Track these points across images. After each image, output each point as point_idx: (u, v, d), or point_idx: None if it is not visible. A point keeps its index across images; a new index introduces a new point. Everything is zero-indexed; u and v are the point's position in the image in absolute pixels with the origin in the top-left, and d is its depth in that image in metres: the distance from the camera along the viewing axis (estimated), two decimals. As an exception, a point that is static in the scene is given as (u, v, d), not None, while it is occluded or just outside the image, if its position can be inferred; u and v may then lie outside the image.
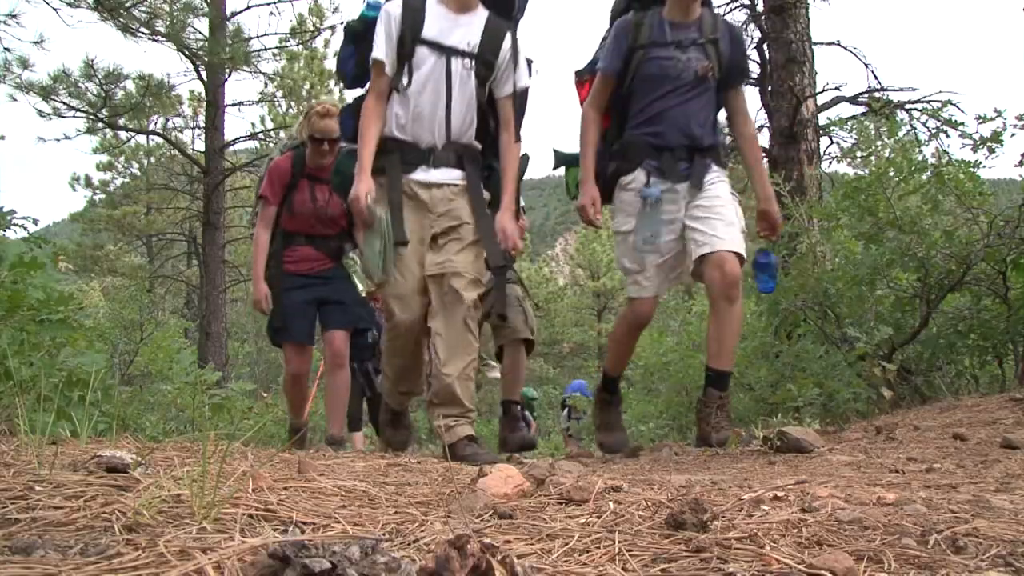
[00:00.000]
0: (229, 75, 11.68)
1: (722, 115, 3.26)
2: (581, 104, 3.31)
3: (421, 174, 2.92)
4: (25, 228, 3.32)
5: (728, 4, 8.38)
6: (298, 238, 4.00)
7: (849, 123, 7.43)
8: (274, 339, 4.07)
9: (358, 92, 3.09)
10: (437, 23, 2.85)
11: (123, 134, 14.91)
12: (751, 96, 8.14)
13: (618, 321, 3.42)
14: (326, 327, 4.05)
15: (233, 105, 12.52)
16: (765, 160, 10.04)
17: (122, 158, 18.70)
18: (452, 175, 2.94)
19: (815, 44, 7.86)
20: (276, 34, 12.06)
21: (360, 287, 4.39)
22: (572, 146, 3.36)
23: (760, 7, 8.27)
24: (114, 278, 18.57)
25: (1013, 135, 4.39)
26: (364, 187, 2.81)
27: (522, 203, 3.63)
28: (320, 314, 4.04)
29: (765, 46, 8.06)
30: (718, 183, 3.08)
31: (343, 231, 4.08)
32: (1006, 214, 4.19)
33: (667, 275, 3.13)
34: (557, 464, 1.70)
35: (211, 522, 0.94)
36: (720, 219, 2.99)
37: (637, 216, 3.04)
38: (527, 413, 4.08)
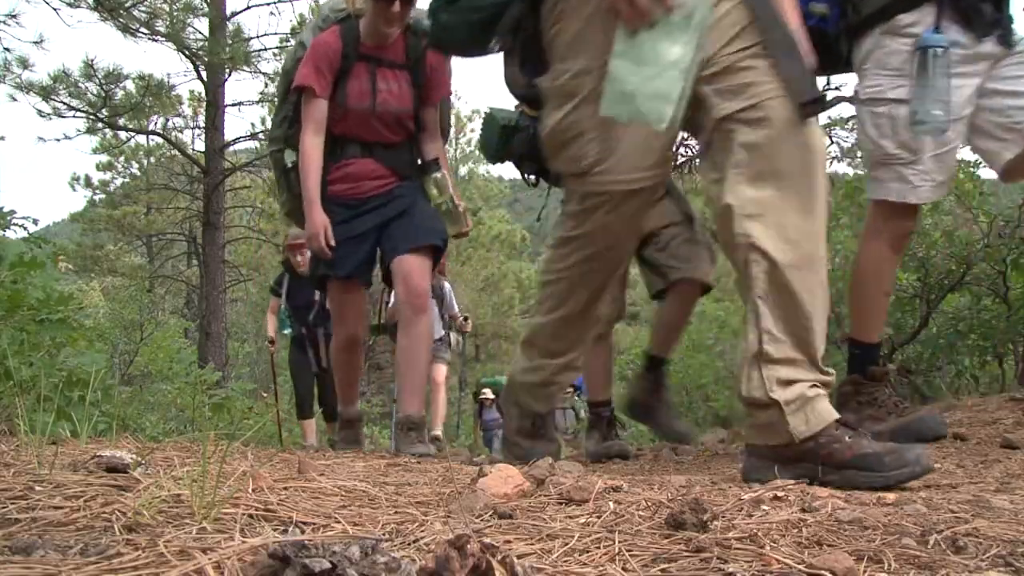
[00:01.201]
0: (229, 75, 11.66)
1: None
2: None
3: None
4: (25, 228, 3.33)
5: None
6: (352, 147, 2.86)
7: (849, 123, 7.44)
8: (317, 283, 3.13)
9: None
10: None
11: (123, 134, 14.89)
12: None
13: (868, 251, 2.29)
14: (394, 251, 2.85)
15: (233, 105, 12.50)
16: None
17: (122, 158, 18.74)
18: None
19: (816, 44, 7.85)
20: (276, 34, 12.00)
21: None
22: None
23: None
24: (114, 278, 18.57)
25: (1013, 135, 4.38)
26: None
27: None
28: (382, 240, 2.90)
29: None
30: None
31: (411, 137, 2.95)
32: (1006, 214, 4.19)
33: (948, 171, 2.18)
34: (557, 464, 1.70)
35: (211, 522, 0.94)
36: None
37: (914, 78, 2.06)
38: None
